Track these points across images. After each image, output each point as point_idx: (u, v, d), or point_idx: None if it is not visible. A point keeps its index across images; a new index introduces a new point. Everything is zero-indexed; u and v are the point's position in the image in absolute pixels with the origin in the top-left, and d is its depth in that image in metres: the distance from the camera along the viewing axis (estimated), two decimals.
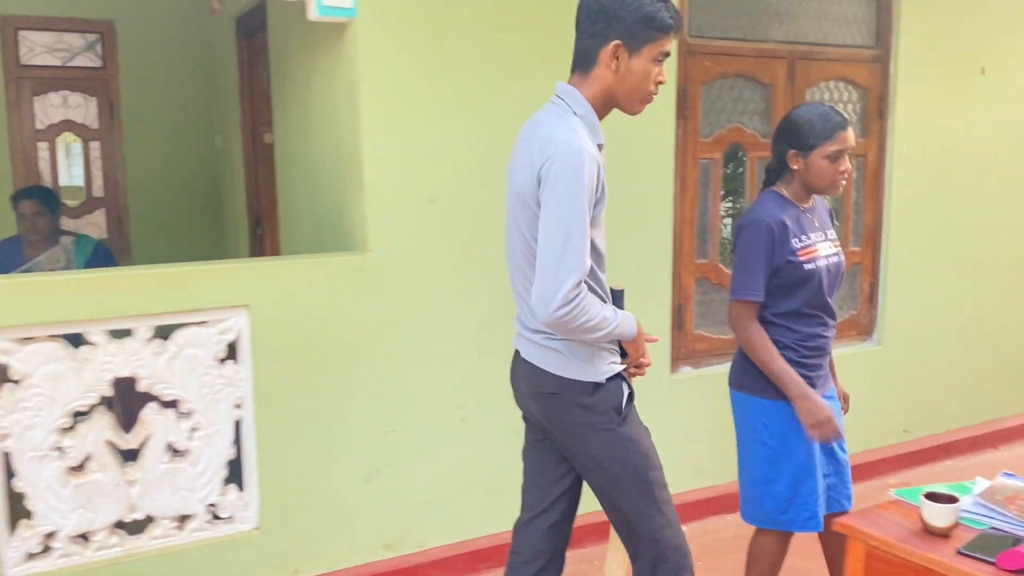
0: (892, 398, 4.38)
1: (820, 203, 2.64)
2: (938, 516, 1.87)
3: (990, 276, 4.65)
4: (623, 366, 2.06)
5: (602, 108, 2.01)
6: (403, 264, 3.09)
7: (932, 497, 1.91)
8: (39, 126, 5.39)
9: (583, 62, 1.98)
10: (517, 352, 2.15)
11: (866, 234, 4.23)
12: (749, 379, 2.53)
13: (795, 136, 2.45)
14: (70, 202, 5.50)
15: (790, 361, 2.49)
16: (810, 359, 2.53)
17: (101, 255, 3.79)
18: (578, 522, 2.30)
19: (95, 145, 5.61)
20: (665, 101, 3.50)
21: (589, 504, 2.22)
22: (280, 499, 2.97)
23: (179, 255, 4.32)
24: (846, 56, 4.01)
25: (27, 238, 3.71)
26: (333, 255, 3.08)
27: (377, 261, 3.04)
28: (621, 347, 2.07)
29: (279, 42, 3.91)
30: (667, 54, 1.97)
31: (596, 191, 1.90)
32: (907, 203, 4.23)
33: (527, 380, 2.11)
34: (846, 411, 2.74)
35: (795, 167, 2.47)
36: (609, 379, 2.03)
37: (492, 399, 3.28)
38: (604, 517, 2.17)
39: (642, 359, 2.11)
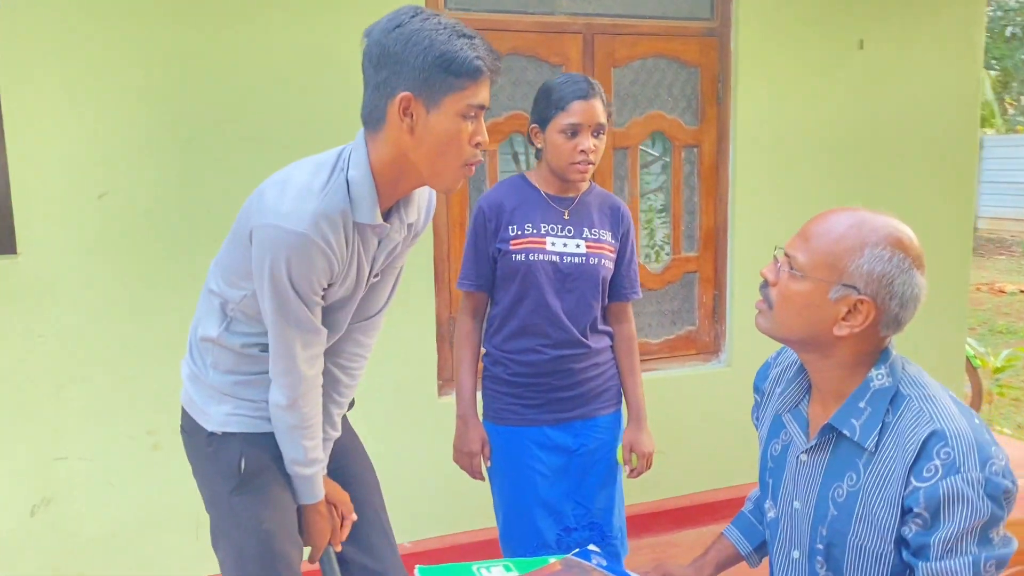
0: (748, 428, 3.73)
1: (600, 199, 2.20)
2: None
3: None
4: (254, 428, 1.70)
5: (393, 179, 1.53)
6: (66, 268, 2.73)
7: None
8: None
9: (370, 120, 1.52)
10: None
11: (704, 238, 3.62)
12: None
13: (535, 108, 2.11)
14: None
15: (497, 379, 2.22)
16: (525, 379, 2.17)
17: None
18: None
19: None
20: None
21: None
22: None
23: None
24: (667, 30, 3.42)
25: None
26: None
27: (29, 265, 2.69)
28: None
29: None
30: (482, 107, 1.50)
31: (328, 279, 1.54)
32: (755, 200, 3.59)
33: None
34: (631, 469, 2.29)
35: (538, 145, 2.12)
36: (228, 434, 1.68)
37: None
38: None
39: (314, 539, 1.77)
